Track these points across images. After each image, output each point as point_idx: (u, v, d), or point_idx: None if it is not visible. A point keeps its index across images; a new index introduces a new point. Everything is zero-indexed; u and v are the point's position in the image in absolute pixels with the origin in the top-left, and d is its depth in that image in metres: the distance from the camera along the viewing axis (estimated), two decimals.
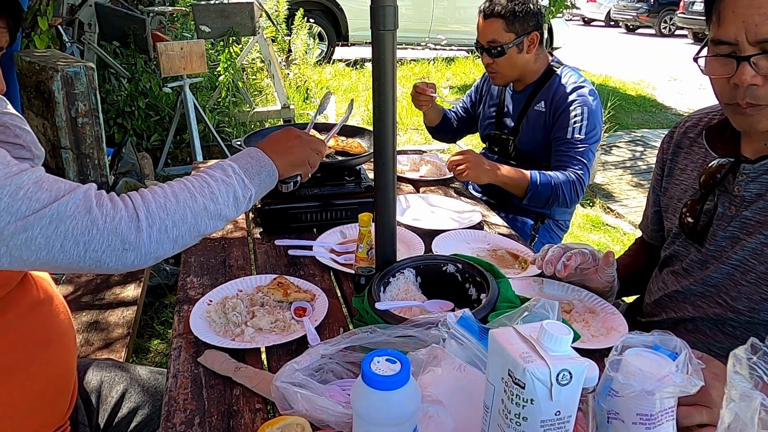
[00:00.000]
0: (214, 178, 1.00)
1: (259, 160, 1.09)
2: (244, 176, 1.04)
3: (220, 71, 5.06)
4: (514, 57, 2.07)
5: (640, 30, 15.91)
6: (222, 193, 0.99)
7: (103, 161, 3.02)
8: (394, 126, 1.17)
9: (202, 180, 0.99)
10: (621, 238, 3.82)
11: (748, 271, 1.14)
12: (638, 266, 1.50)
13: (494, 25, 2.03)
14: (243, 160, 1.08)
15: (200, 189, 0.97)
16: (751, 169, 1.14)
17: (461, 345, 0.87)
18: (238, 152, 1.12)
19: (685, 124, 1.36)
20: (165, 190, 0.94)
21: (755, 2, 0.97)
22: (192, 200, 0.95)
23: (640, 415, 0.74)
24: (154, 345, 2.55)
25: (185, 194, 0.95)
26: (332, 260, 1.46)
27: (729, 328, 1.18)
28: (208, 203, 0.97)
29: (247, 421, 0.94)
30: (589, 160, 2.02)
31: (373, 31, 1.10)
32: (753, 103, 1.04)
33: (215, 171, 1.02)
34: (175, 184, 0.97)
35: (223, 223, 1.01)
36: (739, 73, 1.01)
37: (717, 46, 1.05)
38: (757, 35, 0.98)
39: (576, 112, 2.01)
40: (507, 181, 1.99)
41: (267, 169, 1.09)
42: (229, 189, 1.01)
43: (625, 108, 6.96)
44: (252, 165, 1.08)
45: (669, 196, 1.35)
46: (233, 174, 1.03)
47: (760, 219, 1.13)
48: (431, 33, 8.73)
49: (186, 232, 0.94)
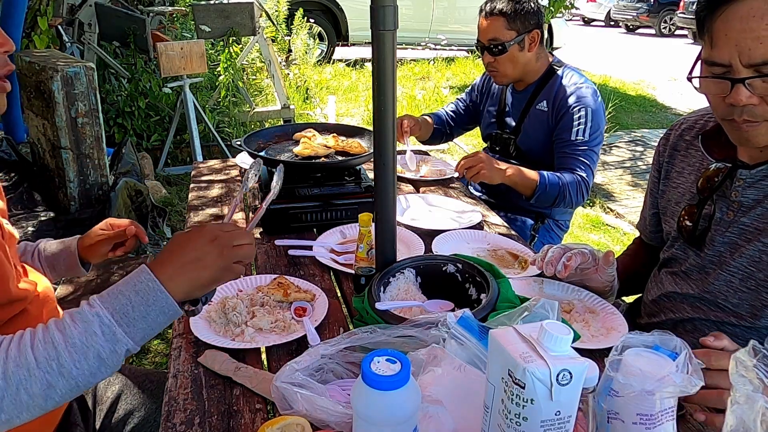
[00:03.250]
0: (67, 340, 0.80)
1: (146, 294, 0.84)
2: (117, 326, 0.82)
3: (220, 71, 5.06)
4: (516, 55, 2.07)
5: (640, 30, 15.91)
6: (78, 361, 0.79)
7: (103, 161, 3.02)
8: (394, 126, 1.17)
9: (50, 348, 0.79)
10: (621, 238, 3.82)
11: (748, 278, 1.14)
12: (637, 266, 1.50)
13: (495, 23, 2.04)
14: (122, 298, 0.84)
15: (46, 362, 0.78)
16: (748, 174, 1.14)
17: (461, 345, 0.87)
18: (121, 281, 0.87)
19: (681, 127, 1.36)
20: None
21: (747, 26, 0.97)
22: (28, 380, 0.77)
23: (640, 415, 0.74)
24: (154, 345, 2.55)
25: (21, 372, 0.77)
26: (332, 260, 1.46)
27: (728, 329, 1.18)
28: (55, 379, 0.78)
29: (247, 421, 0.94)
30: (592, 162, 2.03)
31: (373, 31, 1.09)
32: (750, 120, 1.03)
33: (75, 326, 0.81)
34: (15, 353, 0.78)
35: (88, 387, 0.83)
36: (734, 93, 1.01)
37: (710, 66, 1.05)
38: (751, 59, 0.97)
39: (580, 113, 2.01)
40: (517, 180, 1.99)
41: (158, 305, 0.85)
42: (90, 350, 0.80)
43: (625, 108, 6.96)
44: (134, 305, 0.84)
45: (667, 199, 1.35)
46: (99, 327, 0.81)
47: (758, 226, 1.13)
48: (431, 33, 8.73)
49: (23, 413, 0.78)
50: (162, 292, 0.85)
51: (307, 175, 1.68)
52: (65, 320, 0.82)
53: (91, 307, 0.83)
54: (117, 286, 0.86)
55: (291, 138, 1.94)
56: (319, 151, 1.77)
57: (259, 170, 1.15)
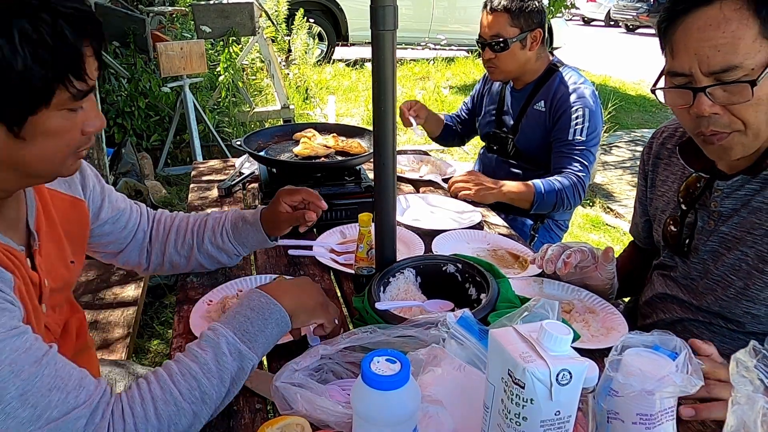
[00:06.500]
0: (203, 367, 0.85)
1: (261, 309, 0.93)
2: (241, 344, 0.89)
3: (219, 71, 5.06)
4: (517, 53, 2.07)
5: (640, 30, 15.90)
6: (216, 385, 0.86)
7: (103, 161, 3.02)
8: (394, 126, 1.17)
9: (190, 378, 0.84)
10: (621, 237, 3.82)
11: (728, 287, 1.15)
12: (633, 268, 1.51)
13: (499, 18, 2.04)
14: (239, 317, 0.92)
15: (189, 393, 0.83)
16: (725, 185, 1.15)
17: (461, 345, 0.87)
18: (232, 309, 0.95)
19: (662, 135, 1.36)
20: (147, 410, 0.80)
21: (704, 35, 0.98)
22: (177, 414, 0.82)
23: (640, 414, 0.74)
24: (154, 345, 2.55)
25: (170, 409, 0.81)
26: (332, 260, 1.46)
27: (717, 329, 1.19)
28: (199, 408, 0.84)
29: (247, 421, 0.94)
30: (589, 162, 2.02)
31: (373, 31, 1.10)
32: (717, 131, 1.03)
33: (205, 352, 0.87)
34: (159, 392, 0.82)
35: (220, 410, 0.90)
36: (697, 103, 1.01)
37: (673, 77, 1.05)
38: (710, 67, 0.98)
39: (578, 113, 2.01)
40: (513, 196, 1.98)
41: (273, 318, 0.94)
42: (224, 372, 0.86)
43: (625, 108, 6.95)
44: (252, 320, 0.92)
45: (654, 207, 1.35)
46: (226, 347, 0.88)
47: (737, 235, 1.14)
48: (431, 33, 8.73)
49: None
50: (275, 305, 0.95)
51: (307, 175, 1.68)
52: (193, 350, 0.88)
53: (214, 332, 0.89)
54: (231, 308, 0.95)
55: (291, 138, 1.94)
56: (319, 151, 1.77)
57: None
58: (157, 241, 1.27)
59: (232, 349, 0.88)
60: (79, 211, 1.09)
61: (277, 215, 1.29)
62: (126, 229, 1.22)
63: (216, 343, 0.88)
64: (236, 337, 0.89)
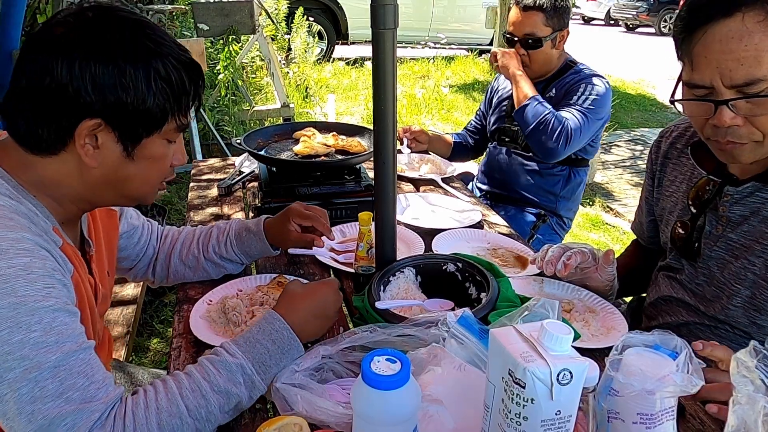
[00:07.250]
0: (213, 388, 0.87)
1: (282, 344, 0.95)
2: (256, 375, 0.91)
3: (219, 69, 5.05)
4: (548, 52, 2.12)
5: (640, 29, 15.91)
6: (222, 406, 0.87)
7: None
8: (394, 125, 1.17)
9: (199, 396, 0.86)
10: (621, 237, 3.82)
11: (734, 295, 1.14)
12: (635, 267, 1.50)
13: (534, 17, 2.07)
14: (260, 347, 0.93)
15: (196, 410, 0.84)
16: (735, 191, 1.13)
17: (461, 344, 0.87)
18: (254, 327, 0.96)
19: (671, 134, 1.35)
20: (150, 418, 0.81)
21: (726, 48, 0.95)
22: (180, 428, 0.83)
23: (640, 414, 0.74)
24: (153, 344, 2.55)
25: (174, 421, 0.83)
26: (332, 259, 1.45)
27: (723, 333, 1.19)
28: (203, 425, 0.85)
29: (247, 421, 0.94)
30: (585, 123, 2.02)
31: (373, 29, 1.09)
32: (734, 141, 1.02)
33: (219, 374, 0.88)
34: (165, 403, 0.83)
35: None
36: (718, 115, 1.00)
37: (693, 89, 1.04)
38: (732, 80, 0.96)
39: (586, 89, 2.06)
40: (519, 81, 2.10)
41: (291, 354, 0.95)
42: (232, 397, 0.88)
43: (624, 107, 6.95)
44: (271, 353, 0.93)
45: (661, 207, 1.34)
46: (242, 377, 0.89)
47: (745, 243, 1.12)
48: (431, 32, 8.73)
49: None
50: (296, 341, 0.96)
51: (307, 174, 1.68)
52: (207, 368, 0.89)
53: (233, 357, 0.91)
54: (252, 333, 0.95)
55: (291, 137, 1.93)
56: (318, 149, 1.76)
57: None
58: (162, 254, 1.30)
59: (246, 379, 0.90)
60: (113, 221, 1.14)
61: (286, 233, 1.32)
62: (138, 245, 1.26)
63: (232, 368, 0.89)
64: (254, 368, 0.91)
